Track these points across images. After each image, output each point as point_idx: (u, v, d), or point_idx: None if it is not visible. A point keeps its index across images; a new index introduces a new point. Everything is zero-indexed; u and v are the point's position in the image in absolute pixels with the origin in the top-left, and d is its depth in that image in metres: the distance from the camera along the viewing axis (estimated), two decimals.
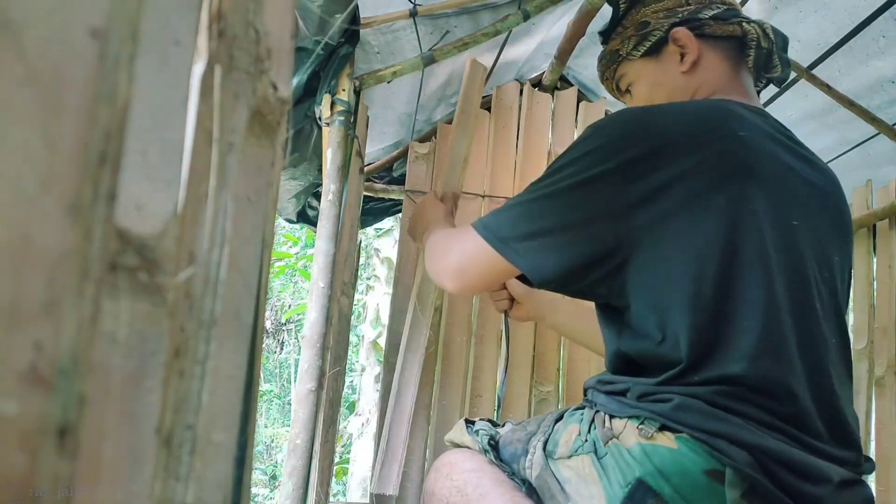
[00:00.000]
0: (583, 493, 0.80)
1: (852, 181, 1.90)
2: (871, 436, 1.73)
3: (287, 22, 0.37)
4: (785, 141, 0.89)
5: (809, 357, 0.79)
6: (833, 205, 0.90)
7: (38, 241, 0.20)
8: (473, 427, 0.99)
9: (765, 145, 0.84)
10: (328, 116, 1.27)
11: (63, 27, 0.21)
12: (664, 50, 1.01)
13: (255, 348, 0.34)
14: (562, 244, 0.82)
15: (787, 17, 1.48)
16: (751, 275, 0.77)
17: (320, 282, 1.17)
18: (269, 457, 3.84)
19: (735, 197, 0.78)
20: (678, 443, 0.75)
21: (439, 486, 0.94)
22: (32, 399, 0.19)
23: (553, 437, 0.88)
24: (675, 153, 0.79)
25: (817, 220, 0.86)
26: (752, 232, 0.78)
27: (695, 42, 0.98)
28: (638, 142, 0.80)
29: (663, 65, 1.01)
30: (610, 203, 0.80)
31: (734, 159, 0.80)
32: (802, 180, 0.86)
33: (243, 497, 0.33)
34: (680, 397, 0.76)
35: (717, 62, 0.98)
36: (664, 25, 1.00)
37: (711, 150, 0.79)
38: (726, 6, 1.00)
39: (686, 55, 0.98)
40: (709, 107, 0.86)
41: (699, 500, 0.74)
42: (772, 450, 0.74)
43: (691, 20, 0.99)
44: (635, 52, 1.03)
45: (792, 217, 0.82)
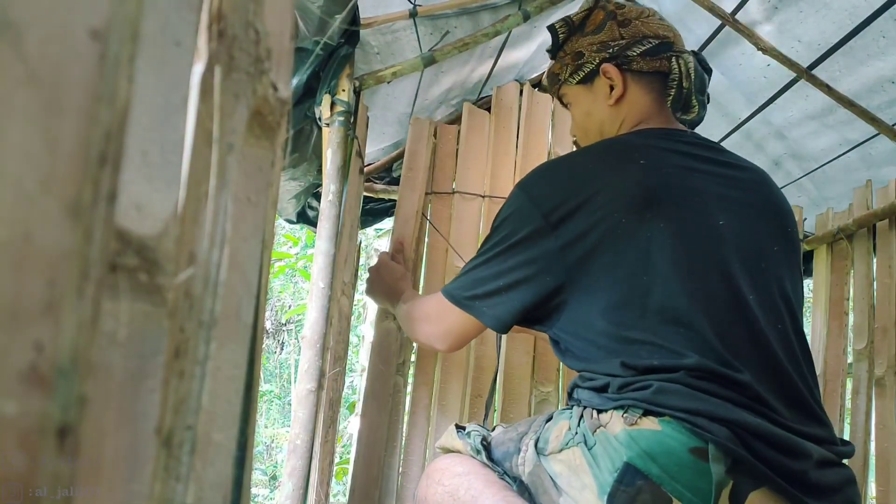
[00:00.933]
0: (574, 485, 0.82)
1: (852, 181, 1.90)
2: (871, 436, 1.73)
3: (287, 22, 0.37)
4: (702, 154, 0.99)
5: (753, 344, 0.87)
6: (761, 201, 0.99)
7: (38, 242, 0.20)
8: (465, 431, 1.01)
9: (672, 168, 0.94)
10: (328, 117, 1.27)
11: (63, 28, 0.21)
12: (596, 80, 1.10)
13: (255, 348, 0.34)
14: (513, 298, 0.97)
15: (788, 17, 1.48)
16: (675, 284, 0.87)
17: (320, 282, 1.17)
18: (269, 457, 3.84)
19: (648, 221, 0.89)
20: (661, 425, 0.80)
21: (431, 493, 0.95)
22: (32, 399, 0.19)
23: (543, 434, 0.90)
24: (588, 198, 0.91)
25: (743, 219, 0.95)
26: (670, 247, 0.88)
27: (621, 78, 1.07)
28: (554, 197, 0.94)
29: (594, 94, 1.10)
30: (542, 254, 0.94)
31: (641, 191, 0.90)
32: (722, 186, 0.96)
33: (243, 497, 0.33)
34: (658, 383, 0.82)
35: (641, 95, 1.07)
36: (595, 59, 1.08)
37: (618, 187, 0.91)
38: (659, 40, 1.05)
39: (613, 89, 1.07)
40: (613, 150, 0.98)
41: (686, 478, 0.77)
42: (750, 425, 0.79)
43: (620, 56, 1.06)
44: (571, 78, 1.12)
45: (711, 222, 0.92)
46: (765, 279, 0.92)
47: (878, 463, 1.68)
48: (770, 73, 1.65)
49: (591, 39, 1.09)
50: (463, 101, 1.81)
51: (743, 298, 0.89)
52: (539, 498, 0.87)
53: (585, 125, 1.13)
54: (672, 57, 1.05)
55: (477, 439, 0.97)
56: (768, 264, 0.94)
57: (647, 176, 0.92)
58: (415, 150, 1.69)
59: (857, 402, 1.76)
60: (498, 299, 0.98)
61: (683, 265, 0.88)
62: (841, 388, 1.81)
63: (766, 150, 1.95)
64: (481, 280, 1.00)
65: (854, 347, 1.81)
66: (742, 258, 0.92)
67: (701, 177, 0.96)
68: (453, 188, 1.72)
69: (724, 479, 0.77)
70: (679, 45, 1.07)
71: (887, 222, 1.77)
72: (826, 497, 0.81)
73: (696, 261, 0.89)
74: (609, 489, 0.78)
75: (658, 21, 1.08)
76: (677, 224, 0.90)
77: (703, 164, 0.98)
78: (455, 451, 1.01)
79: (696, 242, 0.90)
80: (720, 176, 0.98)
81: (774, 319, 0.91)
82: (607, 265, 0.90)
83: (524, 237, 0.95)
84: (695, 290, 0.87)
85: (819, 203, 2.10)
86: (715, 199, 0.94)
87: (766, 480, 0.78)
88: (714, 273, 0.89)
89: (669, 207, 0.90)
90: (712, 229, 0.91)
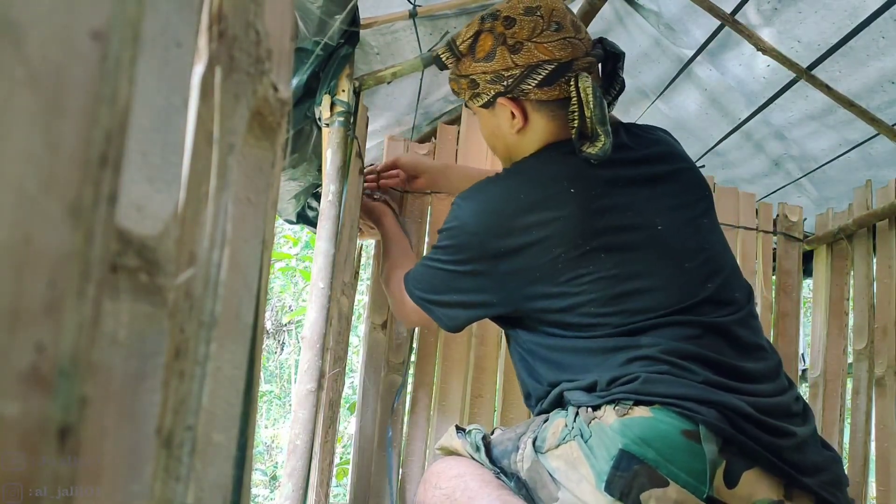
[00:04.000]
0: (572, 478, 0.84)
1: (852, 181, 1.90)
2: (871, 436, 1.73)
3: (287, 23, 0.37)
4: (619, 157, 1.00)
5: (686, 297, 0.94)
6: (675, 178, 1.04)
7: (39, 243, 0.20)
8: (465, 431, 1.02)
9: (600, 189, 0.97)
10: (328, 117, 1.27)
11: (64, 29, 0.21)
12: (497, 108, 1.04)
13: (255, 349, 0.34)
14: (465, 313, 1.05)
15: (787, 17, 1.48)
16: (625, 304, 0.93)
17: (320, 282, 1.17)
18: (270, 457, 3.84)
19: (589, 252, 0.93)
20: (652, 412, 0.83)
21: (429, 497, 0.96)
22: (33, 399, 0.20)
23: (541, 433, 0.92)
24: (527, 239, 0.95)
25: (675, 209, 1.00)
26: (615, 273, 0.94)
27: (521, 111, 1.02)
28: (495, 232, 0.97)
29: (497, 119, 1.06)
30: (488, 285, 1.00)
31: (578, 224, 0.94)
32: (645, 183, 1.00)
33: (243, 497, 0.33)
34: (645, 374, 0.86)
35: (544, 122, 1.03)
36: (491, 91, 1.02)
37: (556, 224, 0.95)
38: (555, 63, 0.97)
39: (514, 119, 1.03)
40: (544, 180, 0.99)
41: (680, 459, 0.80)
42: (736, 406, 0.83)
43: (515, 89, 1.00)
44: (472, 101, 1.07)
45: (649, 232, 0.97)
46: (714, 267, 0.98)
47: (878, 463, 1.68)
48: (770, 74, 1.65)
49: (483, 67, 1.00)
50: (462, 100, 1.81)
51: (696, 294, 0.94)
52: (538, 492, 0.89)
53: (492, 143, 1.11)
54: (571, 79, 0.97)
55: (477, 436, 0.99)
56: (707, 243, 1.00)
57: (580, 207, 0.95)
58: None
59: (858, 402, 1.76)
60: (449, 310, 1.05)
61: (638, 285, 0.93)
62: (841, 388, 1.81)
63: (766, 150, 1.95)
64: (434, 286, 1.06)
65: (854, 347, 1.81)
66: (688, 252, 0.97)
67: (625, 185, 0.99)
68: None
69: (717, 458, 0.80)
70: (579, 59, 0.98)
71: (887, 222, 1.77)
72: (814, 475, 0.84)
73: (646, 277, 0.94)
74: (606, 476, 0.80)
75: (553, 36, 0.97)
76: (622, 250, 0.95)
77: (624, 169, 1.00)
78: (453, 452, 1.02)
79: (640, 260, 0.95)
80: (640, 171, 1.01)
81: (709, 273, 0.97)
82: (553, 295, 0.95)
83: (469, 266, 1.00)
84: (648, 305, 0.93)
85: (819, 203, 2.10)
86: (644, 201, 0.98)
87: (758, 459, 0.81)
88: (664, 283, 0.94)
89: (607, 235, 0.95)
90: (652, 239, 0.96)
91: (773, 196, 2.10)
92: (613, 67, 1.04)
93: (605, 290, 0.93)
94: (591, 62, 0.99)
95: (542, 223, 0.95)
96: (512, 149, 1.07)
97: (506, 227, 0.97)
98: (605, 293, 0.93)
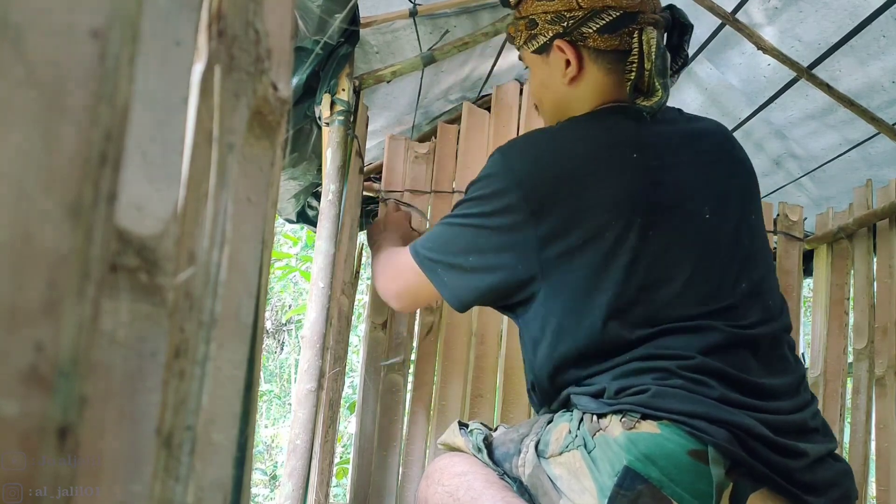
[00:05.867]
0: (574, 488, 0.82)
1: (852, 181, 1.90)
2: (872, 436, 1.73)
3: (287, 22, 0.37)
4: (672, 133, 0.96)
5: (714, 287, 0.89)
6: (729, 169, 0.99)
7: (38, 242, 0.20)
8: (467, 429, 1.00)
9: (656, 163, 0.91)
10: (328, 116, 1.27)
11: (64, 28, 0.21)
12: (551, 53, 1.00)
13: (255, 348, 0.34)
14: (477, 279, 0.93)
15: (788, 16, 1.48)
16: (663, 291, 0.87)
17: (320, 282, 1.17)
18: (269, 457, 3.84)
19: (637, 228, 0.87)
20: (660, 428, 0.79)
21: (431, 493, 0.95)
22: (33, 399, 0.19)
23: (544, 437, 0.89)
24: (575, 192, 0.88)
25: (716, 194, 0.94)
26: (660, 256, 0.88)
27: (577, 57, 0.97)
28: (539, 180, 0.89)
29: (550, 67, 1.01)
30: (518, 242, 0.89)
31: (631, 196, 0.88)
32: (699, 169, 0.95)
33: (243, 497, 0.33)
34: (655, 387, 0.81)
35: (600, 75, 0.98)
36: (549, 32, 0.98)
37: (609, 187, 0.88)
38: (621, 11, 0.94)
39: (568, 68, 0.98)
40: (601, 137, 0.93)
41: (686, 480, 0.77)
42: (748, 426, 0.78)
43: (575, 32, 0.96)
44: (526, 46, 1.02)
45: (698, 221, 0.91)
46: (751, 270, 0.93)
47: (878, 463, 1.68)
48: (770, 73, 1.64)
49: (545, 6, 0.97)
50: (463, 99, 1.81)
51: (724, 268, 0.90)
52: (539, 499, 0.87)
53: (541, 96, 1.05)
54: (634, 32, 0.93)
55: (479, 437, 0.97)
56: (749, 242, 0.95)
57: (638, 177, 0.89)
58: (392, 167, 1.70)
59: (858, 402, 1.76)
60: (462, 276, 0.93)
61: (675, 273, 0.88)
62: (841, 388, 1.81)
63: (767, 149, 1.95)
64: (449, 246, 0.94)
65: (854, 347, 1.81)
66: (728, 247, 0.93)
67: (682, 164, 0.94)
68: (453, 188, 1.72)
69: (723, 481, 0.77)
70: (646, 14, 0.95)
71: (888, 222, 1.77)
72: (824, 493, 0.82)
73: (682, 265, 0.88)
74: (609, 493, 0.78)
75: None
76: (668, 232, 0.89)
77: (682, 149, 0.95)
78: (456, 449, 1.01)
79: (682, 243, 0.89)
80: (698, 155, 0.96)
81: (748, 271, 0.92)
82: (589, 266, 0.87)
83: (502, 220, 0.90)
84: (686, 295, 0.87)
85: (819, 203, 2.09)
86: (698, 185, 0.93)
87: (766, 481, 0.78)
88: (699, 274, 0.89)
89: (659, 213, 0.89)
90: (697, 226, 0.91)
91: (774, 195, 2.10)
92: (679, 40, 1.00)
93: (639, 275, 0.86)
94: (657, 20, 0.95)
95: (596, 183, 0.88)
96: (562, 103, 1.01)
97: (555, 180, 0.88)
98: (638, 278, 0.86)
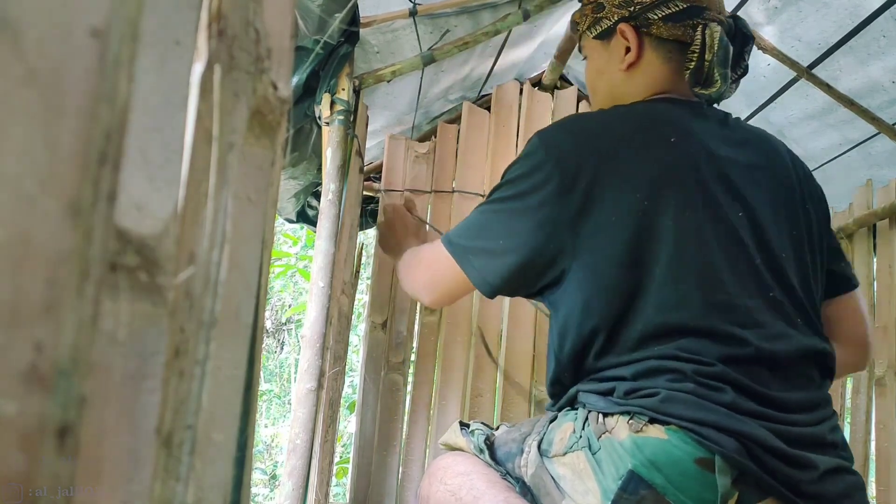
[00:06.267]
0: (578, 489, 0.81)
1: (852, 181, 1.90)
2: (872, 436, 1.73)
3: (287, 21, 0.37)
4: (718, 131, 0.95)
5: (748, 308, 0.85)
6: (772, 177, 0.97)
7: (38, 242, 0.20)
8: (468, 429, 1.00)
9: (699, 152, 0.90)
10: (328, 116, 1.27)
11: (63, 27, 0.21)
12: (613, 38, 1.01)
13: (255, 348, 0.34)
14: (509, 260, 0.91)
15: (788, 16, 1.48)
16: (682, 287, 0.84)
17: (320, 281, 1.17)
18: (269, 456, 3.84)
19: (671, 210, 0.85)
20: (668, 434, 0.78)
21: (433, 491, 0.94)
22: (32, 399, 0.19)
23: (547, 436, 0.89)
24: (613, 169, 0.87)
25: (755, 197, 0.92)
26: (692, 243, 0.85)
27: (637, 43, 0.98)
28: (578, 157, 0.88)
29: (609, 53, 1.02)
30: (553, 218, 0.88)
31: (670, 176, 0.87)
32: (742, 171, 0.93)
33: (243, 497, 0.33)
34: (665, 391, 0.79)
35: (658, 64, 0.99)
36: (614, 16, 0.99)
37: (649, 166, 0.87)
38: (689, 3, 0.95)
39: (629, 52, 0.99)
40: (645, 120, 0.93)
41: (691, 488, 0.76)
42: (758, 437, 0.77)
43: (640, 17, 0.97)
44: (589, 31, 1.04)
45: (732, 218, 0.88)
46: (773, 253, 0.90)
47: (878, 463, 1.68)
48: (770, 73, 1.64)
49: None
50: (463, 99, 1.81)
51: (753, 272, 0.87)
52: (542, 500, 0.86)
53: (595, 84, 1.06)
54: (699, 26, 0.94)
55: (480, 438, 0.96)
56: (787, 239, 0.92)
57: (676, 160, 0.88)
58: (392, 167, 1.69)
59: (858, 402, 1.76)
60: (491, 259, 0.92)
61: (707, 271, 0.85)
62: (841, 388, 1.81)
63: None
64: (482, 232, 0.94)
65: None
66: (760, 238, 0.89)
67: (724, 161, 0.92)
68: (453, 187, 1.72)
69: (729, 490, 0.76)
70: (713, 10, 0.96)
71: (888, 222, 1.77)
72: None
73: (714, 263, 0.85)
74: (613, 496, 0.77)
75: None
76: (701, 218, 0.86)
77: (725, 147, 0.94)
78: (458, 449, 1.00)
79: (717, 243, 0.86)
80: (735, 158, 0.94)
81: (783, 288, 0.88)
82: (621, 243, 0.85)
83: (536, 197, 0.88)
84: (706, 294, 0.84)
85: None
86: (738, 187, 0.90)
87: (772, 492, 0.77)
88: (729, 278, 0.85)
89: (695, 197, 0.87)
90: (734, 226, 0.88)
91: None
92: (741, 50, 1.00)
93: (672, 264, 0.84)
94: (721, 20, 0.96)
95: (633, 161, 0.87)
96: (616, 89, 1.02)
97: (592, 156, 0.88)
98: (670, 266, 0.84)
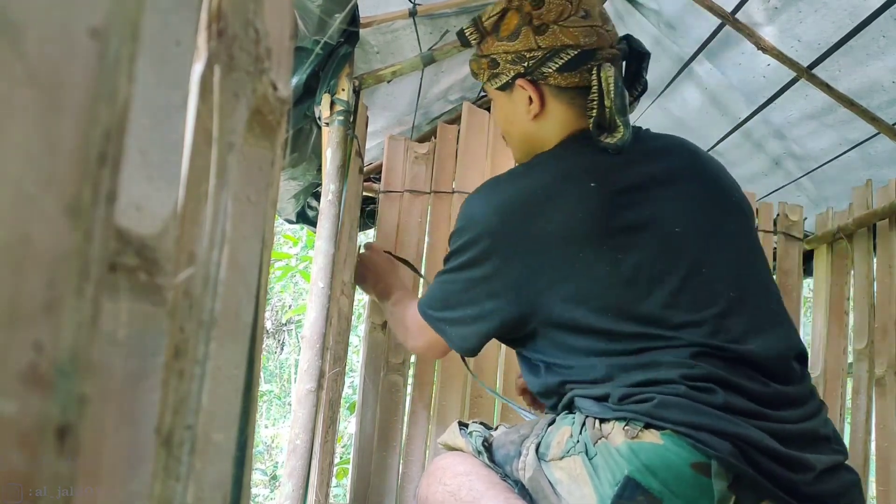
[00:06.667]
0: (574, 494, 0.82)
1: (852, 181, 1.90)
2: (872, 436, 1.73)
3: (286, 22, 0.37)
4: (633, 148, 0.96)
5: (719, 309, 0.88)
6: (698, 175, 0.99)
7: (37, 242, 0.20)
8: (467, 429, 1.00)
9: (621, 186, 0.93)
10: (327, 116, 1.27)
11: (63, 27, 0.21)
12: (514, 90, 1.02)
13: (255, 348, 0.34)
14: (479, 327, 0.98)
15: (788, 16, 1.48)
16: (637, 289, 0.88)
17: (320, 282, 1.17)
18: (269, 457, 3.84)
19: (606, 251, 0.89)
20: (663, 438, 0.78)
21: (433, 491, 0.95)
22: (32, 399, 0.19)
23: (545, 439, 0.89)
24: (541, 232, 0.90)
25: (695, 213, 0.95)
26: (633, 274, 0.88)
27: (538, 95, 1.00)
28: (506, 229, 0.92)
29: (514, 103, 1.03)
30: (502, 288, 0.93)
31: (596, 222, 0.90)
32: (666, 186, 0.95)
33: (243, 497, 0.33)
34: (660, 396, 0.80)
35: (563, 110, 1.00)
36: (510, 72, 1.00)
37: (573, 220, 0.90)
38: (579, 49, 0.96)
39: (531, 104, 1.00)
40: (561, 174, 0.95)
41: (687, 493, 0.76)
42: (753, 439, 0.77)
43: (535, 72, 0.98)
44: (489, 83, 1.05)
45: (668, 235, 0.91)
46: (725, 252, 0.94)
47: (878, 463, 1.68)
48: (770, 73, 1.64)
49: (505, 47, 0.99)
50: (463, 100, 1.81)
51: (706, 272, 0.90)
52: (539, 502, 0.87)
53: (508, 130, 1.08)
54: (593, 68, 0.96)
55: (479, 440, 0.97)
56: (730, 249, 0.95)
57: (599, 204, 0.90)
58: (392, 167, 1.69)
59: (858, 402, 1.76)
60: (465, 327, 0.99)
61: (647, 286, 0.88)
62: (841, 388, 1.81)
63: (766, 149, 1.95)
64: (448, 302, 1.00)
65: (854, 347, 1.81)
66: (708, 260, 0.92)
67: (646, 184, 0.94)
68: (453, 188, 1.72)
69: (725, 494, 0.76)
70: (604, 49, 0.97)
71: (887, 222, 1.77)
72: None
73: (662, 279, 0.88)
74: (609, 502, 0.78)
75: (580, 22, 0.96)
76: (637, 249, 0.89)
77: (645, 166, 0.96)
78: (457, 449, 1.01)
79: (658, 262, 0.89)
80: (660, 171, 0.96)
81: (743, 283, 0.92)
82: (569, 296, 0.89)
83: (482, 268, 0.94)
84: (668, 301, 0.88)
85: (819, 203, 2.09)
86: (664, 202, 0.93)
87: (769, 495, 0.77)
88: (683, 290, 0.89)
89: (626, 235, 0.90)
90: (672, 241, 0.91)
91: (773, 195, 2.10)
92: (638, 67, 1.02)
93: (620, 294, 0.87)
94: (615, 55, 0.98)
95: (560, 219, 0.90)
96: (528, 137, 1.04)
97: (521, 223, 0.92)
98: (619, 296, 0.87)
